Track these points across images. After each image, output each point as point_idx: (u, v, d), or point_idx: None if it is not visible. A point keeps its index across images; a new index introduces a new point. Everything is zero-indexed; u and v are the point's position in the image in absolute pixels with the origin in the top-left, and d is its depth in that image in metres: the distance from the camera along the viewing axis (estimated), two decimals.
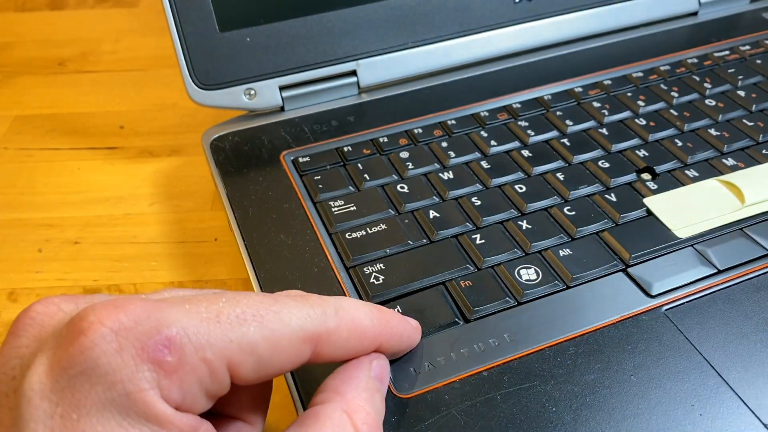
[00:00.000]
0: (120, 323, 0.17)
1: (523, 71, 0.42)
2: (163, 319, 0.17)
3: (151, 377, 0.17)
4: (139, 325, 0.17)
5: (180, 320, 0.17)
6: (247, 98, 0.39)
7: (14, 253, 0.38)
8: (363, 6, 0.40)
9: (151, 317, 0.17)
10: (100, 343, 0.17)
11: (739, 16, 0.47)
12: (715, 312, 0.27)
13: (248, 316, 0.19)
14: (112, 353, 0.17)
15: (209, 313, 0.18)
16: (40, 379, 0.17)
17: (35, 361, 0.17)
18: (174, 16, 0.37)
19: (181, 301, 0.18)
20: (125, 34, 0.57)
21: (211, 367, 0.18)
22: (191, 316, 0.18)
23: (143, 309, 0.17)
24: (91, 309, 0.17)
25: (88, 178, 0.43)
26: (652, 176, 0.34)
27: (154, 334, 0.17)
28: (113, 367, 0.16)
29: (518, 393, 0.24)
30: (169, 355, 0.17)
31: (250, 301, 0.19)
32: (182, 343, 0.17)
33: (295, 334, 0.19)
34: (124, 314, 0.17)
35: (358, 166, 0.35)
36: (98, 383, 0.16)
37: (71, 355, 0.17)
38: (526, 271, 0.29)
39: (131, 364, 0.17)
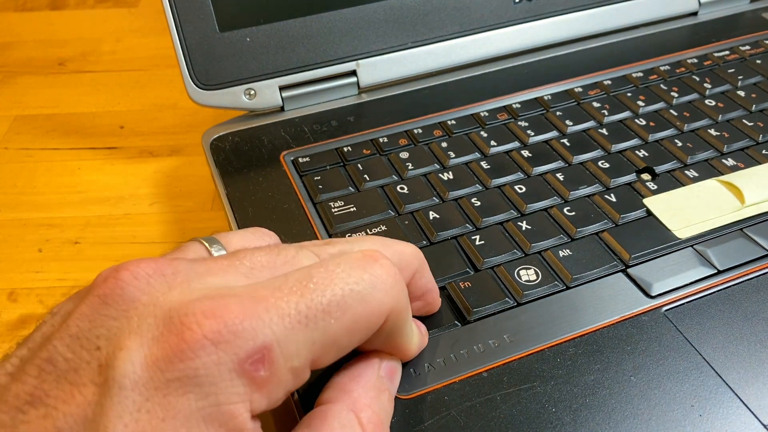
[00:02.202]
0: (220, 335, 0.17)
1: (523, 71, 0.42)
2: (259, 329, 0.18)
3: (243, 391, 0.17)
4: (237, 337, 0.17)
5: (273, 329, 0.18)
6: (247, 98, 0.39)
7: (14, 253, 0.38)
8: (363, 6, 0.40)
9: (248, 327, 0.17)
10: (200, 354, 0.17)
11: (739, 16, 0.47)
12: (715, 312, 0.27)
13: (333, 306, 0.19)
14: (210, 366, 0.17)
15: (299, 314, 0.18)
16: (134, 370, 0.17)
17: (128, 344, 0.17)
18: (174, 16, 0.37)
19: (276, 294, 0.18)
20: (125, 34, 0.57)
21: (296, 373, 0.18)
22: (283, 321, 0.18)
23: (241, 317, 0.17)
24: (191, 313, 0.17)
25: (88, 178, 0.43)
26: (652, 176, 0.34)
27: (251, 346, 0.17)
28: (210, 380, 0.17)
29: (518, 394, 0.24)
30: (263, 370, 0.18)
31: (337, 285, 0.19)
32: (274, 357, 0.18)
33: (373, 313, 0.20)
34: (224, 324, 0.17)
35: (358, 166, 0.35)
36: (192, 391, 0.17)
37: (170, 360, 0.17)
38: (526, 271, 0.29)
39: (227, 378, 0.17)
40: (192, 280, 0.19)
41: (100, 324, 0.18)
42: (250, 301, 0.18)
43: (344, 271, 0.20)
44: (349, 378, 0.22)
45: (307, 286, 0.19)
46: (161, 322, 0.18)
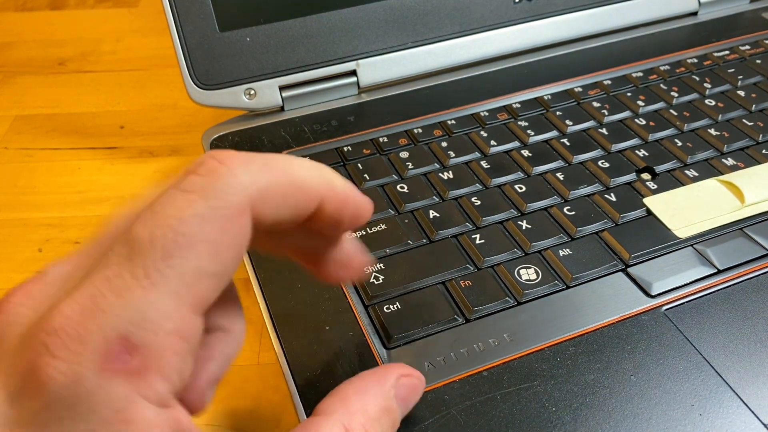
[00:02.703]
0: (66, 349, 0.15)
1: (523, 71, 0.42)
2: (102, 324, 0.15)
3: (124, 392, 0.15)
4: (86, 342, 0.15)
5: (119, 312, 0.15)
6: (247, 98, 0.39)
7: (14, 253, 0.38)
8: (363, 6, 0.40)
9: (89, 327, 0.15)
10: (55, 376, 0.15)
11: (739, 16, 0.47)
12: (715, 312, 0.27)
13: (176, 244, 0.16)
14: (69, 379, 0.15)
15: (138, 280, 0.16)
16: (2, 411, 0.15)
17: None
18: (174, 16, 0.37)
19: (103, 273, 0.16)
20: (125, 34, 0.57)
21: (182, 333, 0.16)
22: (125, 298, 0.15)
23: (79, 322, 0.15)
24: (36, 333, 0.15)
25: (88, 178, 0.43)
26: (652, 176, 0.34)
27: (101, 345, 0.15)
28: (81, 401, 0.15)
29: (518, 393, 0.24)
30: (131, 359, 0.15)
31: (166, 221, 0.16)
32: (136, 339, 0.15)
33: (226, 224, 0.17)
34: (66, 321, 0.15)
35: (358, 166, 0.35)
36: (70, 418, 0.15)
37: (25, 386, 0.15)
38: (526, 270, 0.29)
39: (96, 386, 0.15)
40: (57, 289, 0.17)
41: None
42: (84, 302, 0.16)
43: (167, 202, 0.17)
44: (354, 390, 0.20)
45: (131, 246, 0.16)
46: (19, 348, 0.16)
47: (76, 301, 0.16)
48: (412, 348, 0.26)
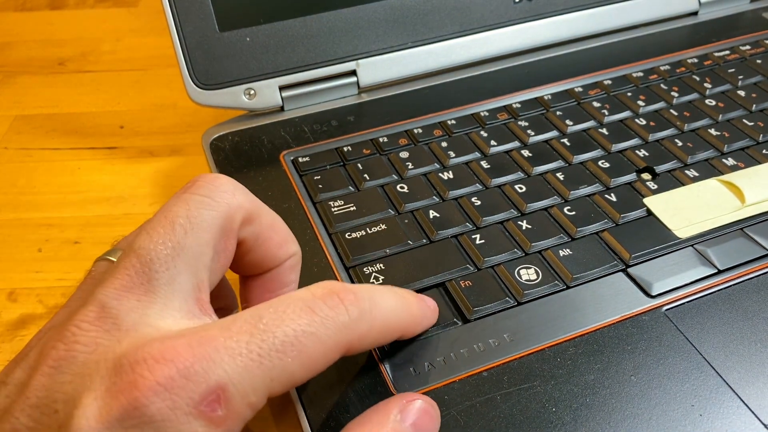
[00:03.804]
0: (172, 379, 0.17)
1: (523, 71, 0.42)
2: (211, 369, 0.18)
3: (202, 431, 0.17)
4: (190, 380, 0.17)
5: (225, 369, 0.18)
6: (247, 98, 0.39)
7: (14, 253, 0.38)
8: (363, 6, 0.40)
9: (199, 369, 0.17)
10: (154, 401, 0.17)
11: (739, 16, 0.47)
12: (715, 312, 0.27)
13: (287, 346, 0.19)
14: (165, 411, 0.17)
15: (251, 353, 0.18)
16: (89, 423, 0.17)
17: (82, 401, 0.17)
18: (174, 16, 0.37)
19: (224, 334, 0.18)
20: (125, 34, 0.57)
21: (253, 407, 0.18)
22: (235, 360, 0.18)
23: (191, 359, 0.17)
24: (142, 359, 0.17)
25: (88, 178, 0.43)
26: (652, 176, 0.34)
27: (204, 389, 0.17)
28: (167, 424, 0.17)
29: (518, 393, 0.24)
30: (219, 410, 0.18)
31: (288, 326, 0.19)
32: (230, 395, 0.18)
33: (330, 350, 0.20)
34: (174, 368, 0.17)
35: (357, 166, 0.35)
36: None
37: (124, 408, 0.17)
38: (526, 271, 0.29)
39: (184, 421, 0.17)
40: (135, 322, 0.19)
41: (56, 390, 0.18)
42: (199, 342, 0.18)
43: (295, 312, 0.19)
44: (356, 423, 0.21)
45: (257, 325, 0.19)
46: (113, 372, 0.18)
47: (187, 340, 0.18)
48: (412, 348, 0.26)
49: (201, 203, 0.21)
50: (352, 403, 0.24)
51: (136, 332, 0.19)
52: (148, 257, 0.20)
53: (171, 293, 0.19)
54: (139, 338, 0.18)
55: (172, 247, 0.20)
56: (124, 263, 0.20)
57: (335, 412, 0.24)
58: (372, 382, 0.24)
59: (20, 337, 0.33)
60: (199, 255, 0.20)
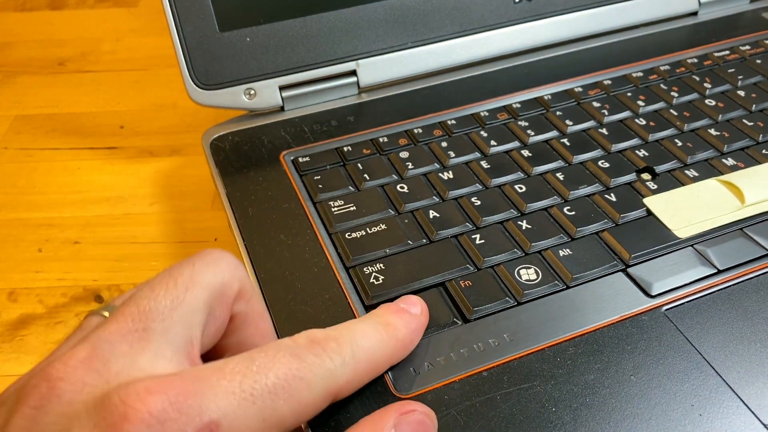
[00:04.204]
0: (164, 412, 0.17)
1: (523, 71, 0.42)
2: (204, 405, 0.17)
3: None
4: (182, 414, 0.17)
5: (219, 405, 0.18)
6: (247, 98, 0.39)
7: (14, 253, 0.38)
8: (363, 6, 0.40)
9: (192, 403, 0.17)
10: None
11: (739, 16, 0.47)
12: (715, 312, 0.27)
13: (278, 389, 0.19)
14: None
15: (244, 392, 0.18)
16: None
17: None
18: (174, 16, 0.37)
19: (217, 374, 0.18)
20: (125, 34, 0.57)
21: None
22: (228, 398, 0.18)
23: (185, 394, 0.17)
24: (133, 392, 0.17)
25: (88, 178, 0.43)
26: (652, 176, 0.34)
27: (198, 423, 0.17)
28: None
29: (518, 393, 0.24)
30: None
31: (280, 370, 0.19)
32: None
33: (318, 397, 0.20)
34: (167, 401, 0.17)
35: (357, 166, 0.35)
36: None
37: None
38: (526, 271, 0.29)
39: None
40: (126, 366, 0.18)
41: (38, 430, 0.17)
42: (192, 379, 0.18)
43: (285, 357, 0.20)
44: None
45: (250, 367, 0.19)
46: (102, 407, 0.17)
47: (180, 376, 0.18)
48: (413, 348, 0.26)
49: (205, 266, 0.21)
50: (352, 404, 0.24)
51: (125, 375, 0.18)
52: (146, 307, 0.20)
53: (164, 344, 0.19)
54: (128, 379, 0.18)
55: (171, 300, 0.20)
56: (122, 310, 0.20)
57: (335, 413, 0.24)
58: (372, 382, 0.24)
59: (20, 337, 0.33)
60: (195, 311, 0.20)
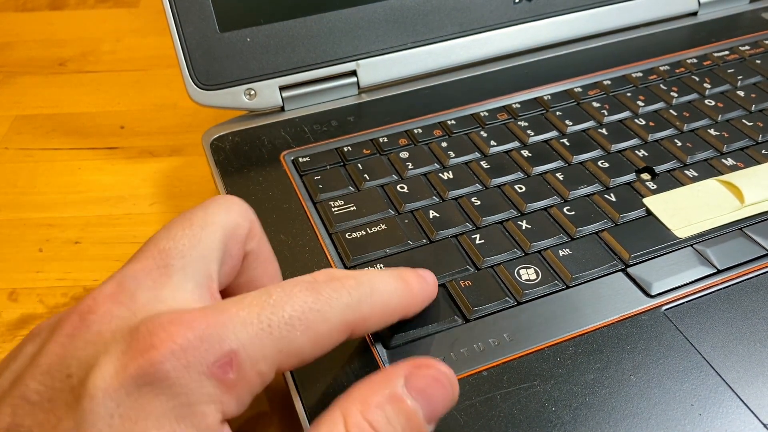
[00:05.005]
0: (188, 341, 0.18)
1: (523, 71, 0.43)
2: (225, 335, 0.18)
3: (213, 393, 0.18)
4: (204, 342, 0.18)
5: (237, 335, 0.19)
6: (247, 98, 0.39)
7: (15, 253, 0.38)
8: (363, 6, 0.40)
9: (213, 334, 0.18)
10: (170, 359, 0.18)
11: (738, 16, 0.47)
12: (715, 312, 0.27)
13: (295, 321, 0.20)
14: (180, 369, 0.18)
15: (261, 324, 0.19)
16: (104, 380, 0.18)
17: (99, 362, 0.18)
18: (174, 16, 0.37)
19: (236, 307, 0.19)
20: (125, 34, 0.57)
21: (263, 377, 0.19)
22: (246, 329, 0.19)
23: (206, 325, 0.18)
24: (159, 324, 0.18)
25: (88, 178, 0.43)
26: (652, 176, 0.34)
27: (218, 351, 0.18)
28: (181, 382, 0.18)
29: (518, 393, 0.24)
30: (231, 373, 0.18)
31: (296, 303, 0.20)
32: (241, 360, 0.19)
33: (335, 328, 0.21)
34: (191, 332, 0.18)
35: (358, 166, 0.35)
36: (163, 393, 0.18)
37: (141, 366, 0.18)
38: (526, 270, 0.29)
39: (197, 380, 0.18)
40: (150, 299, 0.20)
41: (70, 356, 0.19)
42: (214, 312, 0.19)
43: (301, 291, 0.20)
44: (359, 384, 0.20)
45: (267, 300, 0.20)
46: (129, 337, 0.18)
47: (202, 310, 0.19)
48: (412, 348, 0.26)
49: (217, 208, 0.23)
50: None
51: (151, 307, 0.19)
52: (166, 246, 0.21)
53: (185, 278, 0.21)
54: (154, 312, 0.19)
55: (189, 239, 0.21)
56: (144, 251, 0.21)
57: None
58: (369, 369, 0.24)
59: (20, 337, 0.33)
60: (212, 248, 0.22)
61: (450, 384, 0.21)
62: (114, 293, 0.20)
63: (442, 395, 0.20)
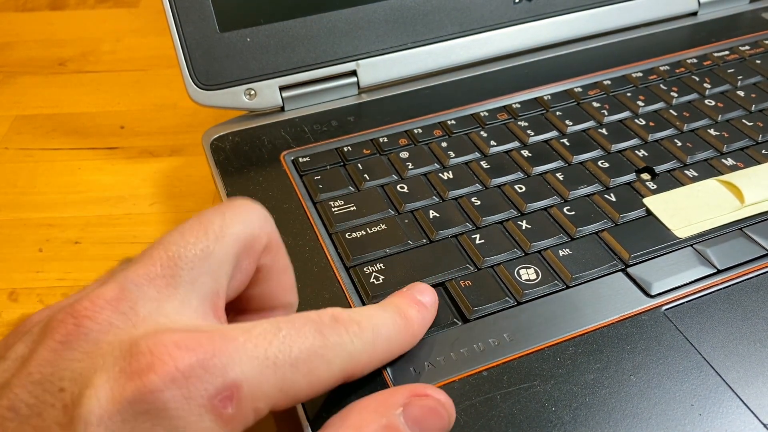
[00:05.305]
0: (190, 368, 0.17)
1: (523, 71, 0.43)
2: (229, 366, 0.18)
3: (210, 427, 0.17)
4: (207, 371, 0.17)
5: (243, 368, 0.18)
6: (247, 98, 0.39)
7: (15, 253, 0.38)
8: (363, 6, 0.40)
9: (218, 362, 0.17)
10: (170, 387, 0.17)
11: (738, 16, 0.47)
12: (715, 312, 0.27)
13: (300, 362, 0.19)
14: (180, 399, 0.17)
15: (267, 359, 0.18)
16: (100, 405, 0.16)
17: (94, 381, 0.17)
18: (174, 16, 0.37)
19: (244, 336, 0.19)
20: (125, 34, 0.58)
21: (258, 414, 0.18)
22: (252, 363, 0.18)
23: (211, 352, 0.18)
24: (161, 343, 0.17)
25: (88, 178, 0.43)
26: (652, 176, 0.34)
27: (220, 383, 0.17)
28: (179, 413, 0.17)
29: (518, 393, 0.24)
30: (230, 407, 0.17)
31: (303, 345, 0.19)
32: (242, 395, 0.18)
33: (334, 376, 0.20)
34: (194, 357, 0.17)
35: (358, 166, 0.35)
36: (160, 425, 0.17)
37: (139, 391, 0.17)
38: (526, 270, 0.29)
39: (196, 413, 0.17)
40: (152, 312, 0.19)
41: (63, 367, 0.17)
42: (221, 338, 0.18)
43: (310, 332, 0.20)
44: (357, 407, 0.20)
45: (277, 335, 0.19)
46: (129, 354, 0.17)
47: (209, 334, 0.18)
48: (413, 348, 0.26)
49: (236, 218, 0.21)
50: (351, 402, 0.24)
51: (153, 321, 0.18)
52: (176, 253, 0.20)
53: (191, 293, 0.19)
54: (156, 327, 0.18)
55: (201, 250, 0.20)
56: (151, 253, 0.20)
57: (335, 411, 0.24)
58: (372, 381, 0.24)
59: None
60: (223, 263, 0.20)
61: (447, 414, 0.21)
62: (114, 299, 0.18)
63: (438, 426, 0.21)
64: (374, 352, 0.22)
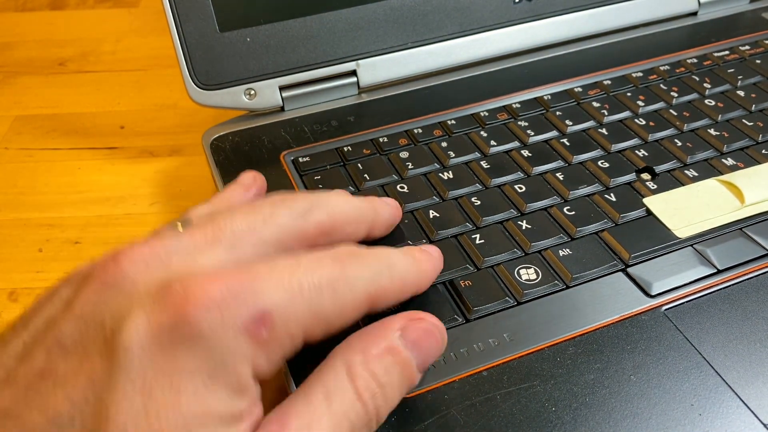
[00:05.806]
0: (222, 297, 0.18)
1: (523, 71, 0.43)
2: (259, 293, 0.19)
3: (247, 350, 0.18)
4: (239, 298, 0.18)
5: (272, 294, 0.19)
6: (247, 98, 0.39)
7: (15, 253, 0.38)
8: (363, 6, 0.40)
9: (248, 291, 0.19)
10: (205, 316, 0.18)
11: (738, 16, 0.47)
12: (715, 312, 0.27)
13: (323, 287, 0.20)
14: (216, 325, 0.18)
15: (293, 285, 0.20)
16: (139, 334, 0.18)
17: (132, 314, 0.18)
18: (174, 16, 0.37)
19: (269, 268, 0.20)
20: (125, 34, 0.57)
21: (293, 339, 0.20)
22: (279, 291, 0.19)
23: (241, 284, 0.19)
24: (194, 280, 0.19)
25: (88, 178, 0.43)
26: (652, 176, 0.34)
27: (252, 308, 0.18)
28: (216, 339, 0.18)
29: (518, 393, 0.24)
30: (264, 331, 0.19)
31: (324, 271, 0.21)
32: (274, 319, 0.19)
33: (358, 299, 0.21)
34: (226, 289, 0.18)
35: (358, 166, 0.35)
36: (198, 349, 0.18)
37: (176, 321, 0.18)
38: (526, 270, 0.29)
39: (232, 337, 0.18)
40: (185, 259, 0.20)
41: (104, 303, 0.19)
42: (248, 271, 0.20)
43: (328, 260, 0.21)
44: (357, 334, 0.22)
45: (299, 266, 0.20)
46: (164, 289, 0.19)
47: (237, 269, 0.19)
48: None
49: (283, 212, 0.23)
50: None
51: (186, 267, 0.20)
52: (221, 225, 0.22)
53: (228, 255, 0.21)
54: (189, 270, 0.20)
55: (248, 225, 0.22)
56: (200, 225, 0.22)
57: None
58: None
59: None
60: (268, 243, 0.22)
61: (441, 336, 0.23)
62: (153, 245, 0.20)
63: (434, 346, 0.23)
64: (392, 279, 0.23)
